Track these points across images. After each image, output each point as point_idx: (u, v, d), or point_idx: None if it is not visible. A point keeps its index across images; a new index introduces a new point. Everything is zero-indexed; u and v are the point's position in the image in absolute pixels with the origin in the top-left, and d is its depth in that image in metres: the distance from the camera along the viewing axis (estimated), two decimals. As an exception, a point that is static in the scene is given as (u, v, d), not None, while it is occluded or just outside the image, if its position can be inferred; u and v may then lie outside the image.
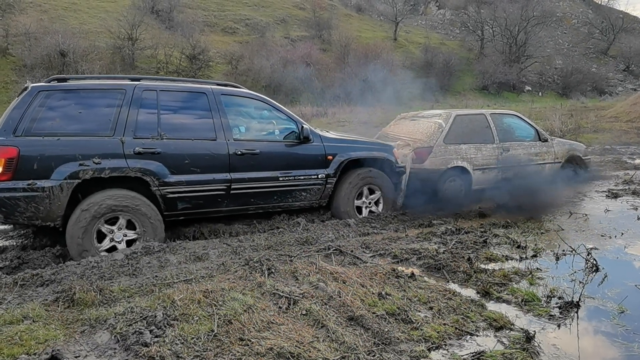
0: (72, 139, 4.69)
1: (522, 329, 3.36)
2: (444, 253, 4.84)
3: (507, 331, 3.36)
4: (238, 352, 2.92)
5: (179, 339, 3.03)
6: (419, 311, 3.60)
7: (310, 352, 2.94)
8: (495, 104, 30.76)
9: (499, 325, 3.41)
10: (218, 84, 5.84)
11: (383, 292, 3.77)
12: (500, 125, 8.07)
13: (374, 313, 3.47)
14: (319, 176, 5.88)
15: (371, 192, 6.48)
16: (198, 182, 5.17)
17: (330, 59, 32.13)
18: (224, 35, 36.37)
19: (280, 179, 5.65)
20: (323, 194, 6.04)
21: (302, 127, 5.75)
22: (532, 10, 45.16)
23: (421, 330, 3.30)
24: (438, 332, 3.28)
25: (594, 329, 3.48)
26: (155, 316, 3.27)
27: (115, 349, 3.03)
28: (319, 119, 21.50)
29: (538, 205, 6.86)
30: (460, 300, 3.79)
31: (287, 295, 3.64)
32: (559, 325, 3.48)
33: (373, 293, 3.77)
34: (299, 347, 2.97)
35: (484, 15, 47.98)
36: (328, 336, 3.15)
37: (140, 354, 2.87)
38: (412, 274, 4.25)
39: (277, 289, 3.75)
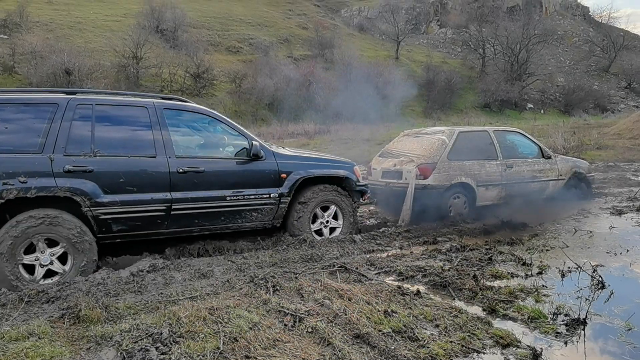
0: None
1: (529, 346, 3.34)
2: (449, 270, 4.83)
3: (514, 349, 3.34)
4: (244, 369, 2.91)
5: (185, 357, 3.02)
6: (425, 329, 3.59)
7: (316, 370, 2.93)
8: (497, 121, 30.89)
9: (505, 342, 3.39)
10: (163, 98, 5.54)
11: (389, 310, 3.75)
12: (503, 142, 8.11)
13: (380, 331, 3.46)
14: (272, 195, 5.55)
15: (329, 211, 6.10)
16: (134, 202, 4.83)
17: (333, 78, 32.40)
18: (228, 54, 36.80)
19: (228, 198, 5.31)
20: (276, 214, 5.69)
21: (252, 143, 5.40)
22: (534, 28, 45.59)
23: (428, 348, 3.28)
24: (445, 350, 3.26)
25: (601, 347, 3.46)
26: (161, 333, 3.27)
27: (121, 366, 3.03)
28: (322, 137, 21.60)
29: (542, 222, 6.85)
30: (467, 317, 3.78)
31: (293, 313, 3.63)
32: (565, 343, 3.46)
33: (379, 310, 3.76)
34: (305, 365, 2.96)
35: (485, 33, 48.43)
36: (334, 354, 3.14)
37: (146, 372, 2.86)
38: (418, 291, 4.24)
39: (282, 307, 3.75)
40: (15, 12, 31.62)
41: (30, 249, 4.50)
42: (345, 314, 3.64)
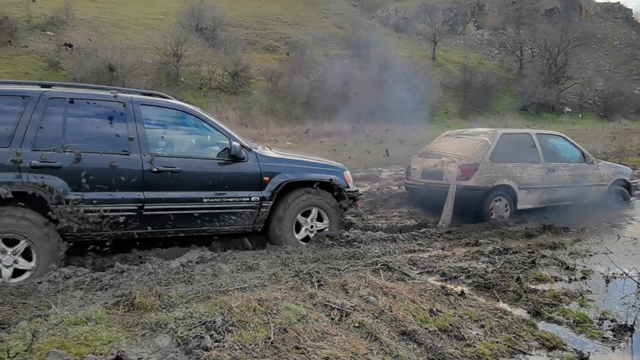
0: None
1: (575, 349, 3.33)
2: (492, 272, 4.83)
3: (560, 351, 3.34)
4: (296, 359, 2.99)
5: (237, 345, 3.12)
6: (471, 329, 3.61)
7: (364, 363, 2.99)
8: (534, 124, 30.24)
9: (551, 345, 3.39)
10: (143, 93, 5.36)
11: (434, 309, 3.78)
12: (545, 146, 7.99)
13: (426, 329, 3.50)
14: (252, 199, 5.28)
15: (312, 215, 5.83)
16: (104, 200, 4.63)
17: (368, 77, 32.25)
18: (265, 53, 37.06)
19: (205, 200, 5.07)
20: (257, 219, 5.42)
21: (232, 144, 5.14)
22: (573, 31, 44.32)
23: (474, 347, 3.31)
24: (491, 350, 3.29)
25: (651, 354, 3.41)
26: (214, 321, 3.37)
27: (176, 352, 3.14)
28: (356, 136, 21.58)
29: (584, 228, 6.73)
30: (512, 319, 3.79)
31: (339, 308, 3.70)
32: (613, 348, 3.43)
33: (424, 309, 3.79)
34: (354, 358, 3.02)
35: (523, 35, 47.37)
36: (382, 349, 3.19)
37: (201, 358, 2.96)
38: (462, 292, 4.26)
39: (328, 301, 3.81)
40: (61, 10, 32.63)
41: None
42: (391, 311, 3.69)
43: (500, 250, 5.60)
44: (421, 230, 6.52)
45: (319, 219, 5.85)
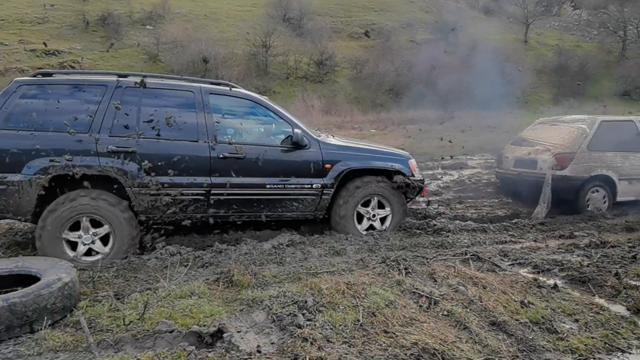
0: (46, 134, 4.52)
1: (683, 352, 3.11)
2: (588, 266, 4.60)
3: (665, 353, 3.13)
4: (384, 342, 3.05)
5: (328, 325, 3.24)
6: (564, 322, 3.49)
7: (454, 351, 2.99)
8: (638, 111, 27.74)
9: (655, 345, 3.19)
10: (212, 83, 5.48)
11: (525, 301, 3.69)
12: (651, 134, 7.37)
13: (516, 320, 3.43)
14: (314, 186, 5.29)
15: (373, 203, 5.71)
16: (174, 184, 4.82)
17: (456, 62, 31.20)
18: (350, 41, 36.99)
19: (268, 186, 5.13)
20: (319, 206, 5.42)
21: (295, 131, 5.20)
22: (689, 6, 39.93)
23: (567, 341, 3.20)
24: (586, 345, 3.16)
25: None
26: (306, 302, 3.52)
27: (271, 327, 3.32)
28: (445, 124, 21.06)
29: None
30: (609, 315, 3.61)
31: (428, 295, 3.71)
32: None
33: (515, 300, 3.71)
34: (443, 345, 3.03)
35: (628, 13, 43.37)
36: (471, 338, 3.17)
37: (294, 335, 3.11)
38: (555, 285, 4.11)
39: (416, 288, 3.84)
40: (159, 4, 34.63)
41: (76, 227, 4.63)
42: (481, 301, 3.65)
43: (597, 244, 5.29)
44: (513, 221, 6.30)
45: (381, 207, 5.74)
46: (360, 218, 5.69)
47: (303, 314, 3.38)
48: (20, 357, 2.94)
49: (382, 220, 5.76)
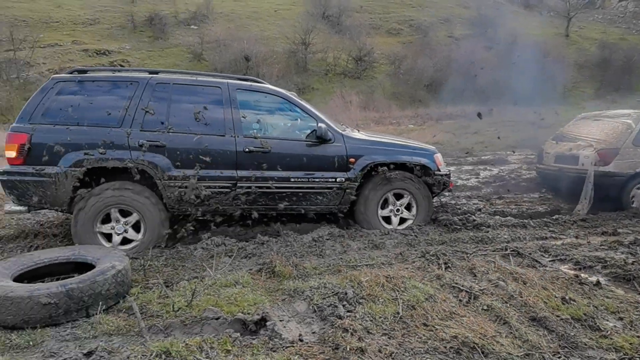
0: (81, 129, 4.65)
1: None
2: (633, 264, 4.41)
3: None
4: (424, 335, 3.03)
5: (368, 316, 3.24)
6: (607, 320, 3.37)
7: (493, 345, 2.94)
8: (689, 105, 26.34)
9: None
10: (239, 79, 5.49)
11: (567, 297, 3.58)
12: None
13: (557, 316, 3.33)
14: (337, 180, 5.25)
15: (399, 198, 5.62)
16: (201, 177, 4.88)
17: (495, 57, 30.42)
18: (388, 37, 36.65)
19: (292, 179, 5.13)
20: (342, 199, 5.37)
21: (319, 125, 5.17)
22: None
23: (611, 339, 3.09)
24: (631, 344, 3.04)
25: None
26: (346, 293, 3.54)
27: (312, 317, 3.35)
28: (485, 119, 20.57)
29: None
30: (657, 314, 3.45)
31: (467, 290, 3.66)
32: None
33: (556, 297, 3.61)
34: (482, 339, 2.98)
35: (680, 4, 41.19)
36: (511, 332, 3.12)
37: (335, 325, 3.12)
38: (598, 282, 3.97)
39: (456, 283, 3.79)
40: (203, 5, 35.26)
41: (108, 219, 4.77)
42: (521, 297, 3.57)
43: (643, 241, 5.08)
44: (554, 217, 6.10)
45: (407, 206, 5.64)
46: (384, 206, 5.60)
47: (343, 305, 3.39)
48: (77, 340, 3.08)
49: (402, 220, 5.67)
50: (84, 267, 3.82)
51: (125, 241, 4.83)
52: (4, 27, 26.20)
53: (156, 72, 5.23)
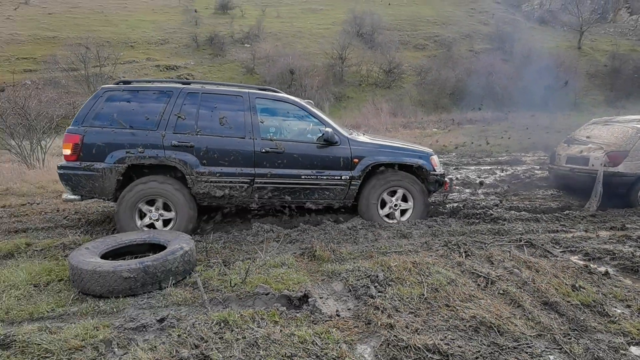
0: (123, 131, 4.80)
1: None
2: (640, 256, 4.19)
3: None
4: (446, 314, 2.99)
5: (396, 297, 3.23)
6: (615, 307, 3.22)
7: (508, 325, 2.87)
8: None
9: None
10: (259, 89, 5.49)
11: (577, 285, 3.45)
12: None
13: (568, 302, 3.21)
14: (343, 177, 5.22)
15: (397, 195, 5.49)
16: (224, 173, 4.96)
17: (512, 69, 29.44)
18: (416, 51, 36.00)
19: (303, 177, 5.14)
20: (347, 195, 5.33)
21: (326, 130, 5.16)
22: None
23: (619, 324, 2.96)
24: (638, 330, 2.90)
25: None
26: (377, 276, 3.52)
27: (348, 296, 3.36)
28: (500, 123, 20.00)
29: None
30: (663, 303, 3.27)
31: (485, 276, 3.57)
32: None
33: (566, 284, 3.47)
34: (499, 320, 2.92)
35: (688, 17, 38.60)
36: (524, 315, 3.03)
37: (368, 303, 3.13)
38: (607, 272, 3.80)
39: (475, 269, 3.71)
40: (255, 26, 35.66)
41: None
42: (534, 283, 3.46)
43: (651, 236, 4.81)
44: (565, 212, 5.86)
45: (404, 199, 5.52)
46: (384, 206, 5.49)
47: (375, 287, 3.38)
48: (151, 308, 3.20)
49: (404, 211, 5.54)
50: (157, 247, 3.96)
51: (151, 225, 4.96)
52: (92, 47, 27.21)
53: (188, 83, 5.38)
